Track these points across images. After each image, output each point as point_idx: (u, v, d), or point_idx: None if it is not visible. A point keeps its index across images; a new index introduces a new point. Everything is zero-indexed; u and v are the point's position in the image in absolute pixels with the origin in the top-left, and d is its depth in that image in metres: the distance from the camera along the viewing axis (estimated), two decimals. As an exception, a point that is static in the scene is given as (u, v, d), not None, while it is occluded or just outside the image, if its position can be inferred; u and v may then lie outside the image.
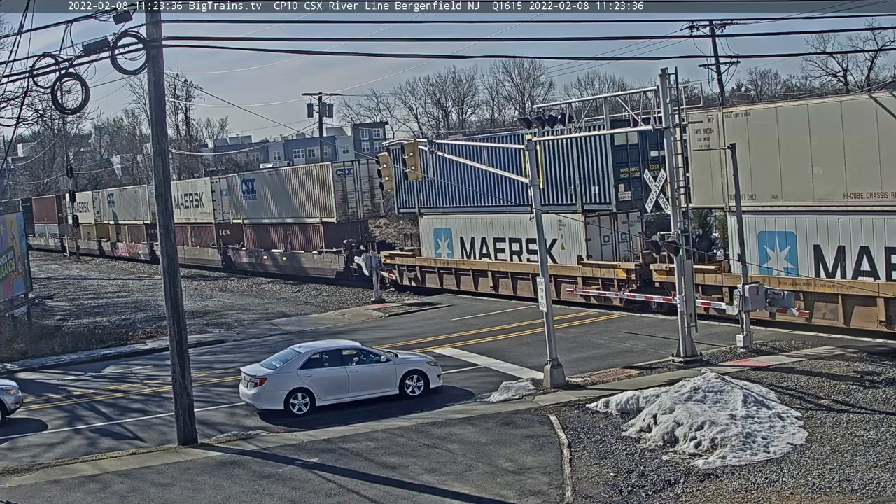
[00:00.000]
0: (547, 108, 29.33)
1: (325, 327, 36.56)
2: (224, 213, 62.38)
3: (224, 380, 27.42)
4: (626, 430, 19.34)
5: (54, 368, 32.23)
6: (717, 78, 58.88)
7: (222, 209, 62.43)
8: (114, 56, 18.74)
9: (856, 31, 78.40)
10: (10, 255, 39.39)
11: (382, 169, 31.20)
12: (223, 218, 62.61)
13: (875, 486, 15.27)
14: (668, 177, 25.12)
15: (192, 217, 66.76)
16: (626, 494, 15.94)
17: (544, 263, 24.18)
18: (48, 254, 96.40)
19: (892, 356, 23.58)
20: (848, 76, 77.50)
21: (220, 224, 63.19)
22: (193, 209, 66.92)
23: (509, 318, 34.32)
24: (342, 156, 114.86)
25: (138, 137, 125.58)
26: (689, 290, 25.10)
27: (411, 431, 20.39)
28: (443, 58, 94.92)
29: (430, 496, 16.46)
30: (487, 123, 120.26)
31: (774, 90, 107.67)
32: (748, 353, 25.19)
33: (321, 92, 74.68)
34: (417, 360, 24.62)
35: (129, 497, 17.46)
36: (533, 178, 24.48)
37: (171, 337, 20.89)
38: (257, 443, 20.49)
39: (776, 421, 18.72)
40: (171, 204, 21.08)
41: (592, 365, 25.54)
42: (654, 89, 24.93)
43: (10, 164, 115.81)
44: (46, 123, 74.68)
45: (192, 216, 66.84)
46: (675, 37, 58.04)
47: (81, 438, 22.52)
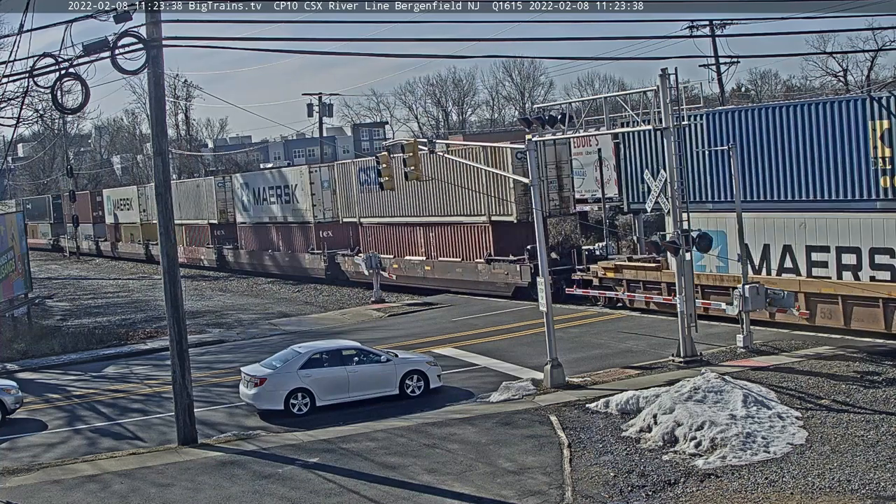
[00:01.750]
0: (547, 108, 29.34)
1: (325, 327, 36.56)
2: (328, 210, 51.27)
3: (224, 380, 27.42)
4: (626, 430, 19.34)
5: (54, 368, 32.23)
6: (717, 78, 58.94)
7: (323, 205, 51.61)
8: (114, 56, 18.75)
9: (856, 31, 78.58)
10: (10, 255, 39.40)
11: (382, 169, 31.18)
12: (326, 216, 51.64)
13: (875, 486, 15.27)
14: (668, 177, 25.13)
15: (282, 215, 55.52)
16: (626, 494, 15.94)
17: (544, 263, 24.17)
18: (119, 263, 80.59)
19: (892, 356, 23.57)
20: (848, 76, 77.60)
21: (322, 224, 51.99)
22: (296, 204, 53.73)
23: (509, 318, 34.31)
24: (342, 156, 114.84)
25: (138, 137, 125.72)
26: (688, 290, 25.09)
27: (411, 431, 20.39)
28: (443, 58, 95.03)
29: (430, 496, 16.46)
30: (487, 123, 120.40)
31: (774, 90, 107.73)
32: (748, 353, 25.18)
33: (321, 92, 74.82)
34: (417, 360, 24.62)
35: (129, 497, 17.46)
36: (533, 179, 24.48)
37: (171, 337, 20.89)
38: (257, 443, 20.49)
39: (776, 421, 18.72)
40: (171, 204, 21.12)
41: (592, 365, 25.53)
42: (654, 89, 24.92)
43: (10, 164, 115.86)
44: (46, 123, 74.64)
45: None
46: (675, 37, 58.07)
47: (81, 438, 22.52)
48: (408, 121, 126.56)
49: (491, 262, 39.00)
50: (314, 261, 51.76)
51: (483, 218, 39.45)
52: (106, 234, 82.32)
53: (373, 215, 47.24)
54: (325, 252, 50.65)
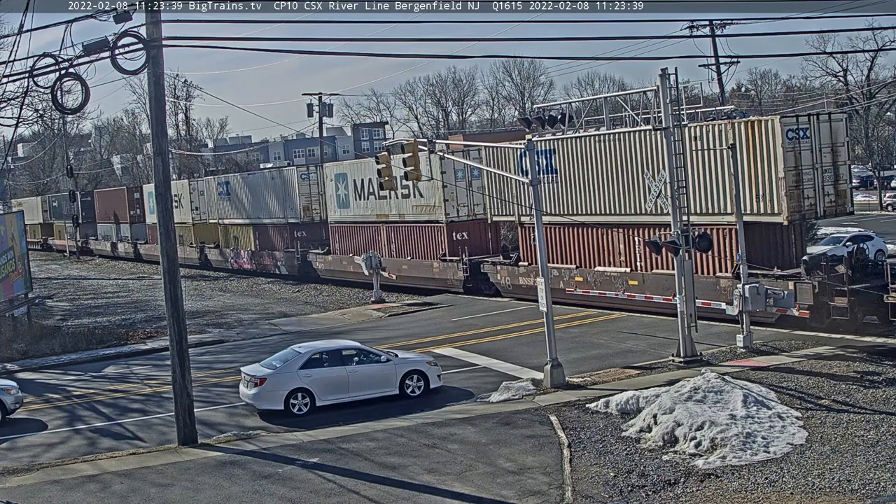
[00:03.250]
0: (547, 108, 29.34)
1: (325, 327, 36.55)
2: (463, 206, 42.07)
3: (224, 380, 27.41)
4: (626, 430, 19.34)
5: (54, 368, 32.22)
6: (717, 78, 58.98)
7: (456, 200, 41.99)
8: (114, 56, 18.75)
9: (856, 31, 78.76)
10: (10, 255, 39.40)
11: (382, 169, 31.15)
12: (461, 214, 42.12)
13: (875, 486, 15.27)
14: (668, 177, 25.13)
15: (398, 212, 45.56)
16: (626, 494, 15.94)
17: (544, 263, 24.17)
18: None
19: (892, 356, 23.58)
20: (848, 76, 77.65)
21: (455, 223, 42.09)
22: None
23: (509, 318, 34.30)
24: (342, 156, 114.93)
25: (138, 137, 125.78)
26: (688, 290, 25.09)
27: (411, 431, 20.39)
28: (443, 58, 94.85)
29: (430, 496, 16.46)
30: (487, 123, 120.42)
31: (774, 90, 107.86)
32: (748, 353, 25.19)
33: (321, 92, 74.75)
34: (417, 360, 24.62)
35: (129, 497, 17.46)
36: (533, 178, 24.47)
37: (171, 337, 20.88)
38: (257, 443, 20.48)
39: (776, 421, 18.72)
40: (171, 204, 21.09)
41: (592, 365, 25.53)
42: (654, 89, 24.95)
43: (10, 164, 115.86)
44: (46, 123, 74.48)
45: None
46: (675, 37, 58.17)
47: (81, 438, 22.51)
48: (408, 121, 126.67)
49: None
50: (447, 270, 41.91)
51: (727, 217, 28.89)
52: (146, 236, 71.67)
53: (553, 212, 34.88)
54: (465, 259, 40.92)
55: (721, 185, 29.17)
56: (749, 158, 28.32)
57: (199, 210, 64.81)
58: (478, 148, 40.14)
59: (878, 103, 78.05)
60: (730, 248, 29.09)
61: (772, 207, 28.31)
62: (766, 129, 28.07)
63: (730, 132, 28.52)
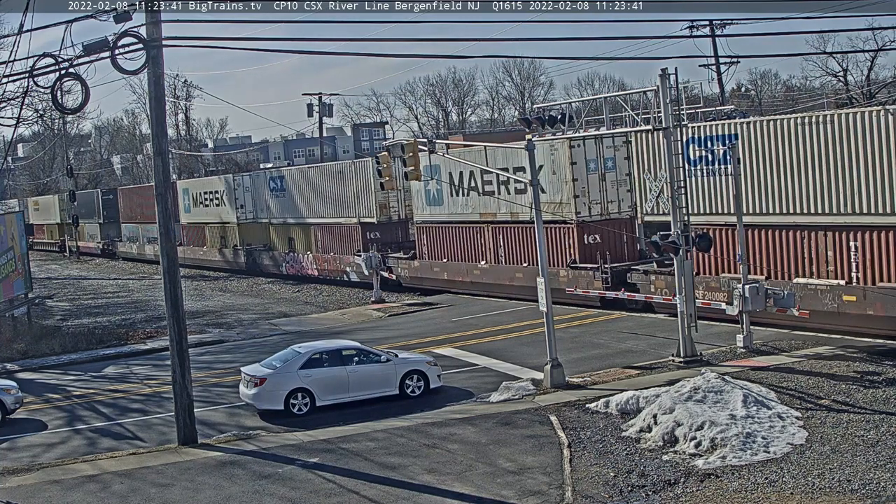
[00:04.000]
0: (547, 108, 29.28)
1: (325, 327, 36.56)
2: (596, 203, 35.18)
3: (224, 380, 27.41)
4: (626, 430, 19.34)
5: (54, 368, 32.23)
6: (717, 78, 59.03)
7: (588, 196, 35.11)
8: (114, 56, 18.77)
9: (856, 31, 78.65)
10: (10, 254, 39.41)
11: (382, 169, 31.13)
12: (593, 212, 35.15)
13: (875, 486, 15.27)
14: (668, 177, 25.12)
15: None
16: (626, 494, 15.94)
17: (544, 263, 24.17)
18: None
19: (892, 356, 23.57)
20: (848, 76, 77.61)
21: (587, 224, 34.99)
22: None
23: (509, 318, 34.30)
24: (342, 156, 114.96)
25: (138, 137, 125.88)
26: (688, 290, 25.09)
27: (411, 431, 20.39)
28: (443, 58, 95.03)
29: (430, 496, 16.46)
30: (487, 123, 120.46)
31: (774, 90, 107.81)
32: (748, 353, 25.18)
33: (321, 92, 74.83)
34: (417, 360, 24.62)
35: (129, 497, 17.46)
36: (533, 178, 24.47)
37: (171, 337, 20.89)
38: (257, 443, 20.49)
39: (776, 421, 18.72)
40: (170, 204, 21.09)
41: (592, 365, 25.53)
42: (654, 89, 24.91)
43: (10, 164, 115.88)
44: (46, 123, 74.53)
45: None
46: (675, 37, 58.18)
47: (81, 438, 22.52)
48: (408, 121, 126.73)
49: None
50: (578, 280, 34.57)
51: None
52: (181, 237, 65.16)
53: (710, 211, 29.45)
54: (604, 267, 33.52)
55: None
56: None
57: (243, 208, 58.05)
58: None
59: (879, 103, 78.03)
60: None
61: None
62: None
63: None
